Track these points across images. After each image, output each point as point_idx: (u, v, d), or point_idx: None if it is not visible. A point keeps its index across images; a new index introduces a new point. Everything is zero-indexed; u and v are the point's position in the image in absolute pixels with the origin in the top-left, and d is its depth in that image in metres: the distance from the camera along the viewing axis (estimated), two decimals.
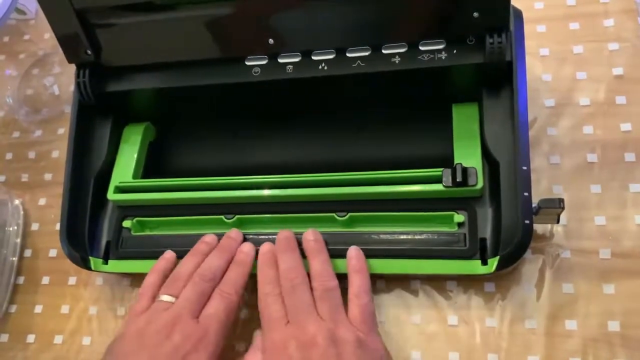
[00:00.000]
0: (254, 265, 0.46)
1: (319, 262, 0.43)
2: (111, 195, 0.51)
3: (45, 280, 0.56)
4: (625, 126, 0.48)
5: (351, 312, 0.41)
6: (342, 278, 0.43)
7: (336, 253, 0.45)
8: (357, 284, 0.42)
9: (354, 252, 0.44)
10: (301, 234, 0.46)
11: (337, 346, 0.38)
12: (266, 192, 0.47)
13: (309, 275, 0.43)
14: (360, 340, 0.39)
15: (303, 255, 0.45)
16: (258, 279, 0.44)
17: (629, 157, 0.47)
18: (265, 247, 0.46)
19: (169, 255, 0.48)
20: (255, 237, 0.48)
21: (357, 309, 0.41)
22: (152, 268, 0.47)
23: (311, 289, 0.42)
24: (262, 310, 0.43)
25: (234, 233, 0.47)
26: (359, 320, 0.41)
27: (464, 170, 0.43)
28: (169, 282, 0.44)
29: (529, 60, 0.49)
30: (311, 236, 0.45)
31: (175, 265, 0.47)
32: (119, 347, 0.42)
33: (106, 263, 0.50)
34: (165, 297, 0.43)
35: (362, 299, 0.42)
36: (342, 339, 0.39)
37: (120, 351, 0.41)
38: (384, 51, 0.44)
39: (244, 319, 0.49)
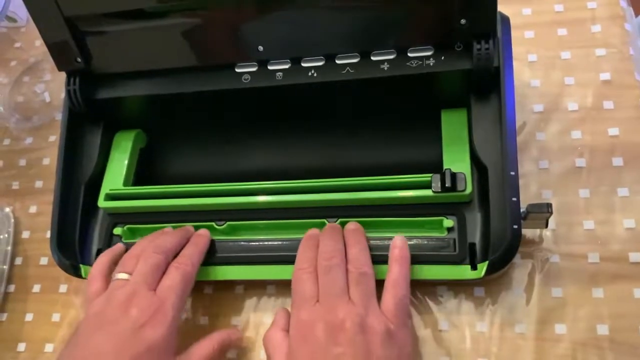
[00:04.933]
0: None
1: (357, 248, 0.43)
2: (102, 203, 0.51)
3: (36, 288, 0.56)
4: (613, 131, 0.48)
5: (385, 302, 0.41)
6: None
7: None
8: (397, 273, 0.42)
9: (399, 241, 0.43)
10: (293, 240, 0.46)
11: (366, 334, 0.38)
12: (257, 198, 0.48)
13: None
14: (389, 332, 0.39)
15: None
16: (297, 257, 0.44)
17: (617, 161, 0.47)
18: (311, 231, 0.46)
19: (120, 245, 0.49)
20: (247, 243, 0.48)
21: (392, 300, 0.40)
22: (102, 253, 0.48)
23: (347, 273, 0.42)
24: (294, 286, 0.42)
25: (192, 229, 0.48)
26: (392, 312, 0.40)
27: (453, 176, 0.43)
28: (123, 261, 0.45)
29: (517, 66, 0.50)
30: (352, 226, 0.45)
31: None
32: (79, 331, 0.42)
33: None
34: (120, 275, 0.43)
35: (399, 290, 0.41)
36: (372, 327, 0.38)
37: (80, 334, 0.41)
38: (372, 58, 0.44)
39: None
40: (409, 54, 0.44)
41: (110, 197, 0.51)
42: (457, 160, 0.45)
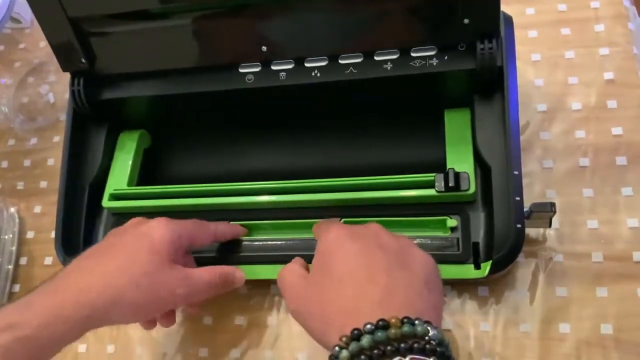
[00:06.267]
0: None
1: None
2: (106, 203, 0.51)
3: None
4: (617, 130, 0.48)
5: None
6: None
7: None
8: None
9: None
10: (296, 239, 0.47)
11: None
12: (260, 198, 0.48)
13: None
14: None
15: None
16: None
17: (621, 160, 0.47)
18: None
19: None
20: (250, 243, 0.48)
21: None
22: None
23: None
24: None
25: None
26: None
27: (457, 175, 0.43)
28: None
29: (521, 65, 0.50)
30: None
31: None
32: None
33: None
34: None
35: None
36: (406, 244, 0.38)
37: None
38: (376, 58, 0.44)
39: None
40: (412, 54, 0.44)
41: (115, 197, 0.51)
42: (460, 159, 0.45)
